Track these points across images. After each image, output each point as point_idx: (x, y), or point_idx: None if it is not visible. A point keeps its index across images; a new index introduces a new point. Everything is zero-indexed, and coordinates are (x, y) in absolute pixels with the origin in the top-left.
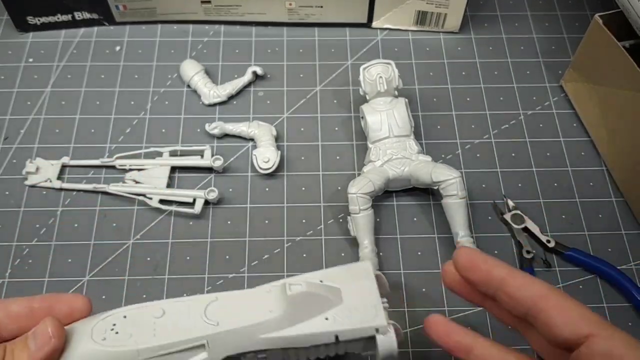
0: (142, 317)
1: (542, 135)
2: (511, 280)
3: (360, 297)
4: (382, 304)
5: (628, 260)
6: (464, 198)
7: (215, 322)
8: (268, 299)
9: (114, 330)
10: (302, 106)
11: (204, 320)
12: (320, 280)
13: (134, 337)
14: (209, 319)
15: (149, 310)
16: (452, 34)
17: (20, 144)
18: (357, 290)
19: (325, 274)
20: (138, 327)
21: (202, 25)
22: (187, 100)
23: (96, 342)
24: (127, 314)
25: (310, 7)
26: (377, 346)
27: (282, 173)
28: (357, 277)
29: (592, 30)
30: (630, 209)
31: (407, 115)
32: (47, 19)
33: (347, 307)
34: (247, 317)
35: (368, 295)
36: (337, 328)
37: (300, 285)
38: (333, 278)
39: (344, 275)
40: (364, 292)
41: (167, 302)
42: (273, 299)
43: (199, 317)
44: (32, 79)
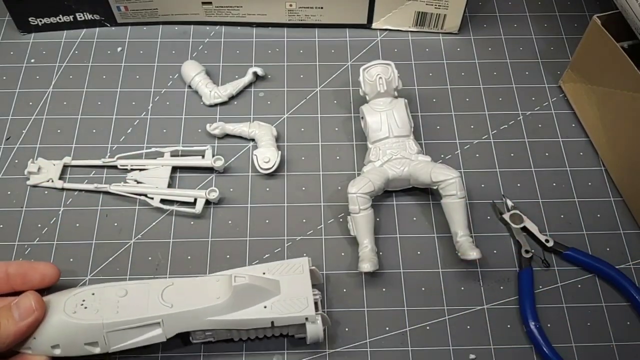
0: (107, 295)
1: (541, 135)
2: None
3: (295, 289)
4: (313, 296)
5: (626, 259)
6: (463, 198)
7: (169, 305)
8: (216, 287)
9: (83, 305)
10: (302, 106)
11: (160, 302)
12: (263, 272)
13: (100, 312)
14: (164, 301)
15: (114, 289)
16: (451, 35)
17: (22, 144)
18: (293, 283)
19: (268, 267)
20: (104, 304)
21: (203, 26)
22: (188, 100)
23: (68, 315)
24: (95, 291)
25: (310, 8)
26: (307, 332)
27: (283, 173)
28: (295, 271)
29: (590, 31)
30: (629, 209)
31: (407, 116)
32: (48, 19)
33: (283, 297)
34: (197, 301)
35: (302, 287)
36: (273, 315)
37: (244, 278)
38: (274, 271)
39: (283, 269)
40: (299, 285)
41: (129, 284)
42: (220, 287)
43: (156, 299)
44: (34, 79)
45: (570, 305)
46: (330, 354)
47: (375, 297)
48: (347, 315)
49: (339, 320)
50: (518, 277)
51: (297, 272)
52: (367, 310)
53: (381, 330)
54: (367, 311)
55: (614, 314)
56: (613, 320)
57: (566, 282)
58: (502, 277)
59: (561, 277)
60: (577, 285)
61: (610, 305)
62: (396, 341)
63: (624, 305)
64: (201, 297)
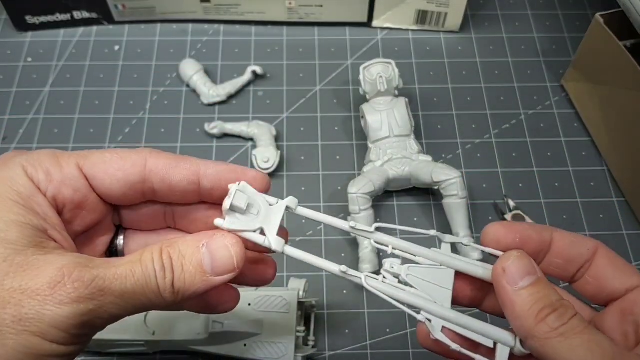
0: None
1: (543, 135)
2: (561, 240)
3: (278, 330)
4: (294, 339)
5: (629, 260)
6: (465, 198)
7: (152, 332)
8: (197, 322)
9: None
10: (302, 106)
11: (144, 326)
12: (248, 304)
13: None
14: (148, 326)
15: None
16: (452, 34)
17: (19, 144)
18: (277, 323)
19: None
20: None
21: (202, 25)
22: (186, 99)
23: None
24: None
25: (310, 7)
26: None
27: (282, 173)
28: (281, 308)
29: (593, 29)
30: (632, 209)
31: (408, 115)
32: (46, 18)
33: (264, 337)
34: (178, 333)
35: (285, 329)
36: (251, 355)
37: (222, 324)
38: (261, 304)
39: (271, 303)
40: (283, 326)
41: None
42: (200, 324)
43: (141, 322)
44: (31, 78)
45: None
46: (330, 356)
47: (376, 299)
48: (347, 317)
49: (339, 322)
50: None
51: (284, 309)
52: (367, 312)
53: (382, 332)
54: (367, 313)
55: None
56: None
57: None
58: None
59: None
60: None
61: None
62: (397, 343)
63: None
64: (182, 329)
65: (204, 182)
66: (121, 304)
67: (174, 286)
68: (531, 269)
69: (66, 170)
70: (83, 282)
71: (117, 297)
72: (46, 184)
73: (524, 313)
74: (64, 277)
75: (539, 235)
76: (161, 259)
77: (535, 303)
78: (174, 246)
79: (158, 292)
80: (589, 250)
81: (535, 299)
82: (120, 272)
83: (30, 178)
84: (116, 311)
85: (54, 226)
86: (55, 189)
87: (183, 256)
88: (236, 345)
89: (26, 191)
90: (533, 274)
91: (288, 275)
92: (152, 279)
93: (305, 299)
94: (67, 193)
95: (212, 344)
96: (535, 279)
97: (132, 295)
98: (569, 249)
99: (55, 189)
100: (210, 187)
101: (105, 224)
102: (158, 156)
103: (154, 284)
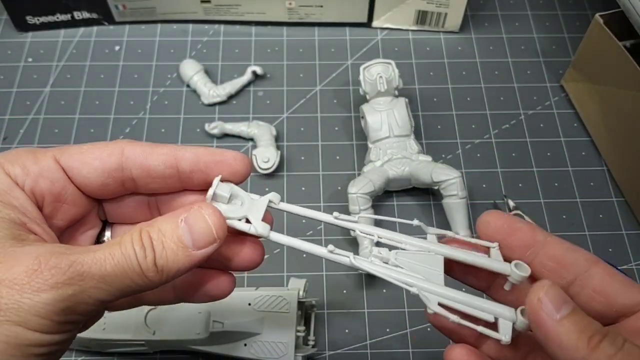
0: None
1: (542, 135)
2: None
3: (278, 330)
4: (294, 339)
5: (629, 260)
6: (465, 198)
7: (152, 331)
8: (197, 321)
9: None
10: (302, 106)
11: (144, 325)
12: (249, 303)
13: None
14: (148, 326)
15: None
16: (452, 34)
17: (20, 144)
18: (278, 323)
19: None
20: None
21: (202, 25)
22: (186, 100)
23: None
24: None
25: (310, 7)
26: None
27: (282, 173)
28: (282, 308)
29: (592, 29)
30: (631, 209)
31: (408, 115)
32: (46, 18)
33: (264, 337)
34: (178, 332)
35: (285, 330)
36: (251, 355)
37: (222, 324)
38: (261, 303)
39: (272, 302)
40: (283, 326)
41: None
42: (200, 324)
43: (141, 322)
44: (31, 78)
45: None
46: (330, 355)
47: (376, 299)
48: (347, 316)
49: (339, 322)
50: None
51: (284, 309)
52: (367, 312)
53: (382, 332)
54: (367, 312)
55: None
56: None
57: None
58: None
59: None
60: None
61: None
62: (397, 343)
63: None
64: (182, 329)
65: (183, 164)
66: (104, 287)
67: (156, 265)
68: (566, 297)
69: (42, 163)
70: (60, 268)
71: (99, 280)
72: (23, 178)
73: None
74: (40, 264)
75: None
76: (140, 240)
77: (582, 332)
78: (152, 225)
79: (141, 272)
80: (587, 260)
81: (580, 327)
82: (99, 256)
83: (6, 173)
84: (101, 295)
85: (34, 219)
86: (33, 182)
87: (163, 234)
88: (236, 345)
89: (3, 186)
90: (569, 302)
91: (288, 275)
92: (133, 259)
93: (305, 299)
94: (45, 185)
95: (212, 343)
96: (572, 307)
97: (114, 278)
98: (564, 254)
99: (32, 182)
100: (189, 170)
101: (89, 218)
102: (135, 144)
103: (134, 264)
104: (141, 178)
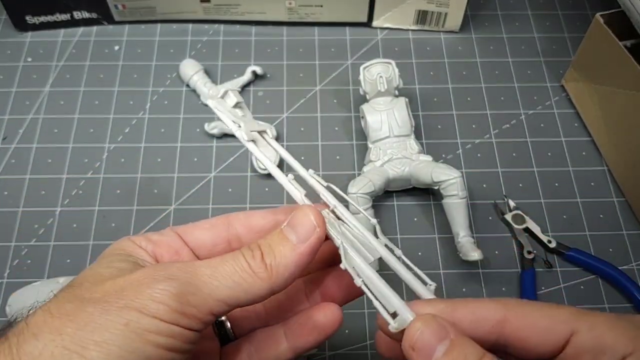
0: None
1: (543, 135)
2: (462, 319)
3: None
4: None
5: (629, 260)
6: (465, 198)
7: None
8: None
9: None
10: (301, 106)
11: None
12: None
13: None
14: None
15: None
16: (452, 34)
17: (19, 144)
18: None
19: None
20: None
21: (202, 25)
22: (186, 99)
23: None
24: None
25: (310, 7)
26: None
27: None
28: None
29: (593, 29)
30: (632, 209)
31: (408, 115)
32: (45, 18)
33: None
34: None
35: None
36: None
37: None
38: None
39: None
40: None
41: None
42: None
43: None
44: (30, 78)
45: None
46: (330, 356)
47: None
48: (347, 316)
49: None
50: (520, 278)
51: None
52: (367, 312)
53: None
54: (367, 312)
55: None
56: None
57: (568, 283)
58: (504, 279)
59: (563, 278)
60: (579, 286)
61: (613, 306)
62: None
63: (627, 307)
64: None
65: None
66: (215, 283)
67: (265, 262)
68: (442, 333)
69: (163, 232)
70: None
71: (209, 276)
72: (145, 243)
73: None
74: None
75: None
76: (249, 248)
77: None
78: (261, 241)
79: (250, 270)
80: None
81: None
82: (213, 262)
83: (132, 241)
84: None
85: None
86: (153, 246)
87: (269, 240)
88: None
89: (128, 248)
90: (445, 337)
91: None
92: (242, 259)
93: None
94: (164, 247)
95: None
96: (449, 343)
97: (224, 276)
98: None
99: (153, 246)
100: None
101: None
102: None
103: (243, 263)
104: (245, 234)
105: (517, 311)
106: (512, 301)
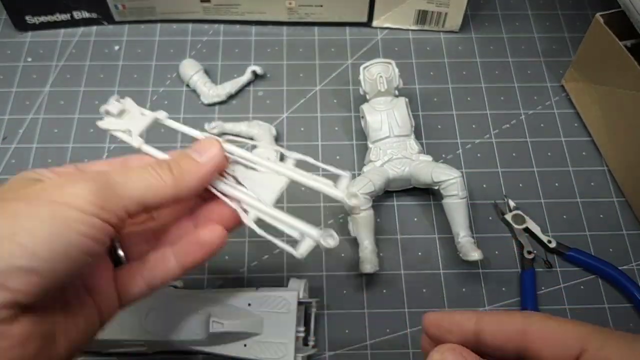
0: None
1: (543, 135)
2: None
3: (278, 330)
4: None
5: (629, 260)
6: (465, 198)
7: (152, 332)
8: (197, 321)
9: None
10: (301, 106)
11: (143, 326)
12: (249, 303)
13: None
14: (148, 327)
15: None
16: (452, 33)
17: (19, 144)
18: (277, 323)
19: (255, 298)
20: None
21: (202, 25)
22: (186, 99)
23: None
24: None
25: (310, 6)
26: None
27: None
28: (281, 308)
29: (593, 29)
30: (632, 209)
31: (408, 115)
32: (45, 18)
33: (264, 337)
34: (178, 333)
35: (285, 330)
36: (251, 356)
37: (222, 325)
38: (260, 303)
39: (271, 302)
40: (283, 326)
41: None
42: (200, 323)
43: (140, 322)
44: (30, 78)
45: (573, 307)
46: (330, 356)
47: (376, 299)
48: (347, 316)
49: (339, 322)
50: (520, 278)
51: (284, 310)
52: (367, 312)
53: (382, 332)
54: (367, 313)
55: (616, 316)
56: (616, 321)
57: (568, 284)
58: (504, 279)
59: (563, 278)
60: (579, 286)
61: (613, 306)
62: (397, 343)
63: (627, 307)
64: (182, 329)
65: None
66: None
67: (172, 171)
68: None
69: (63, 166)
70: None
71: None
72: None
73: None
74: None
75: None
76: (157, 163)
77: None
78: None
79: (158, 177)
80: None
81: None
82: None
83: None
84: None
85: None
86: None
87: (175, 159)
88: (236, 346)
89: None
90: None
91: (288, 275)
92: (150, 169)
93: (305, 299)
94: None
95: (212, 344)
96: None
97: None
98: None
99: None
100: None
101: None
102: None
103: (152, 170)
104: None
105: (537, 324)
106: (535, 314)
